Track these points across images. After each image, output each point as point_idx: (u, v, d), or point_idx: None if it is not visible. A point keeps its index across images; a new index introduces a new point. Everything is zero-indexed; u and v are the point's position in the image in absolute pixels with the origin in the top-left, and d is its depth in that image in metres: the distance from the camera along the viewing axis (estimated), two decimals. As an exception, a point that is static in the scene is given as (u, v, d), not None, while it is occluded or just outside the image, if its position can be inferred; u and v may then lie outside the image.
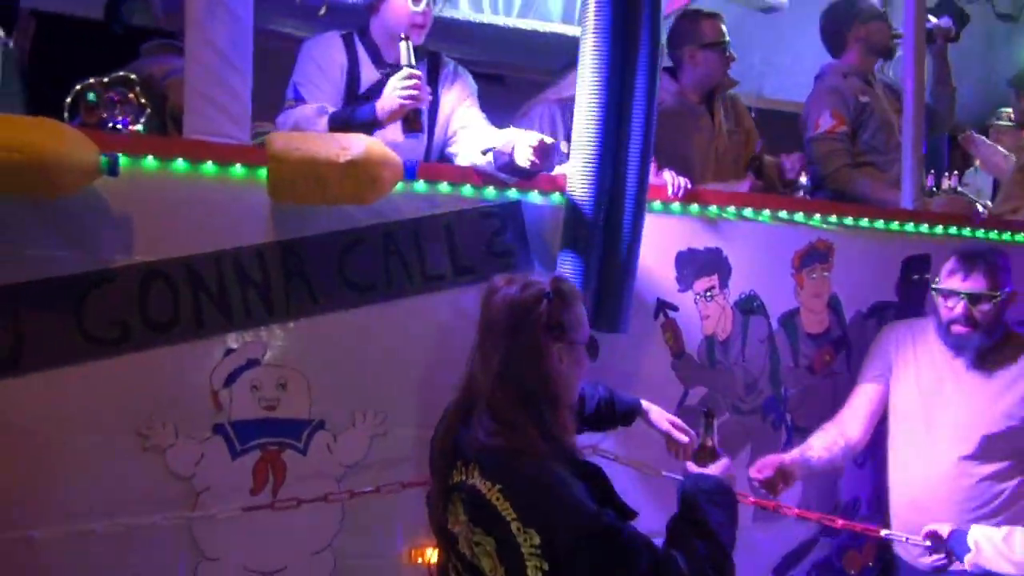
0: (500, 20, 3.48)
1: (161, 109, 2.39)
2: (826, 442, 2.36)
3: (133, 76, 2.12)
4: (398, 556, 2.07)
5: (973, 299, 2.24)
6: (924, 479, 2.32)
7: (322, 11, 3.07)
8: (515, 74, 3.63)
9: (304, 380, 2.02)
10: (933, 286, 2.35)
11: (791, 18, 4.28)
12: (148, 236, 1.91)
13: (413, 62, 2.19)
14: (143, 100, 2.08)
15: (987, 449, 2.25)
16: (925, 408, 2.36)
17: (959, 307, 2.25)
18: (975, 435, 2.26)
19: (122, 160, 1.86)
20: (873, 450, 2.56)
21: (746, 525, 2.24)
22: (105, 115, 2.04)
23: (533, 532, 1.41)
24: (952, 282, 2.28)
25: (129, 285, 1.89)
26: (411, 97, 2.16)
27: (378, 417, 2.08)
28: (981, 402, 2.28)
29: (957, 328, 2.27)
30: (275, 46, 2.21)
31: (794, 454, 2.31)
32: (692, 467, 1.73)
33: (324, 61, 2.29)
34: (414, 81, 2.16)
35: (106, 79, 2.09)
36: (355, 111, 2.18)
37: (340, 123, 2.17)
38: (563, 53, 3.59)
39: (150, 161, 1.93)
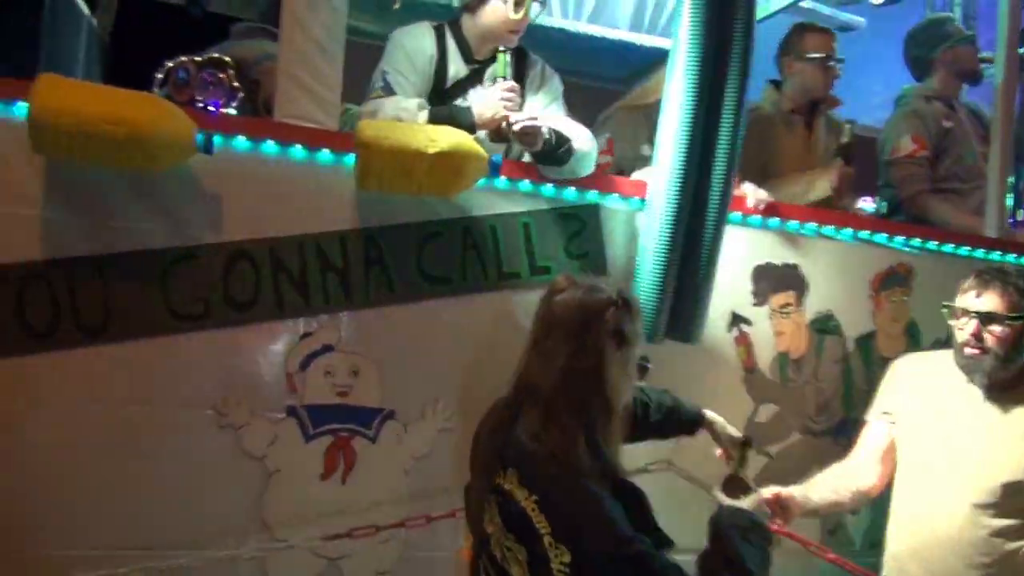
0: (569, 24, 3.48)
1: (254, 95, 2.40)
2: (833, 483, 2.15)
3: (228, 58, 2.13)
4: (461, 551, 2.05)
5: (985, 319, 2.04)
6: (930, 526, 2.08)
7: (396, 4, 3.10)
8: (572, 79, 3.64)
9: (377, 369, 2.02)
10: (945, 303, 2.15)
11: (865, 39, 4.22)
12: (235, 216, 1.93)
13: (510, 74, 2.20)
14: (236, 83, 2.09)
15: (1004, 499, 2.02)
16: (938, 446, 2.12)
17: (970, 326, 2.05)
18: (994, 481, 2.02)
19: (215, 139, 1.89)
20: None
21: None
22: (198, 95, 2.06)
23: (564, 549, 1.38)
24: (964, 300, 2.09)
25: (214, 263, 1.91)
26: (510, 111, 2.16)
27: (447, 411, 2.07)
28: (1002, 444, 2.05)
29: (969, 350, 2.07)
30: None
31: (794, 489, 2.08)
32: (723, 498, 1.67)
33: (414, 51, 2.30)
34: (513, 95, 2.16)
35: (200, 58, 2.10)
36: (454, 113, 2.19)
37: (438, 122, 2.17)
38: (627, 61, 3.60)
39: (242, 141, 1.95)
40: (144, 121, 1.70)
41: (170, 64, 2.07)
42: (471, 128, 2.17)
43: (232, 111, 2.08)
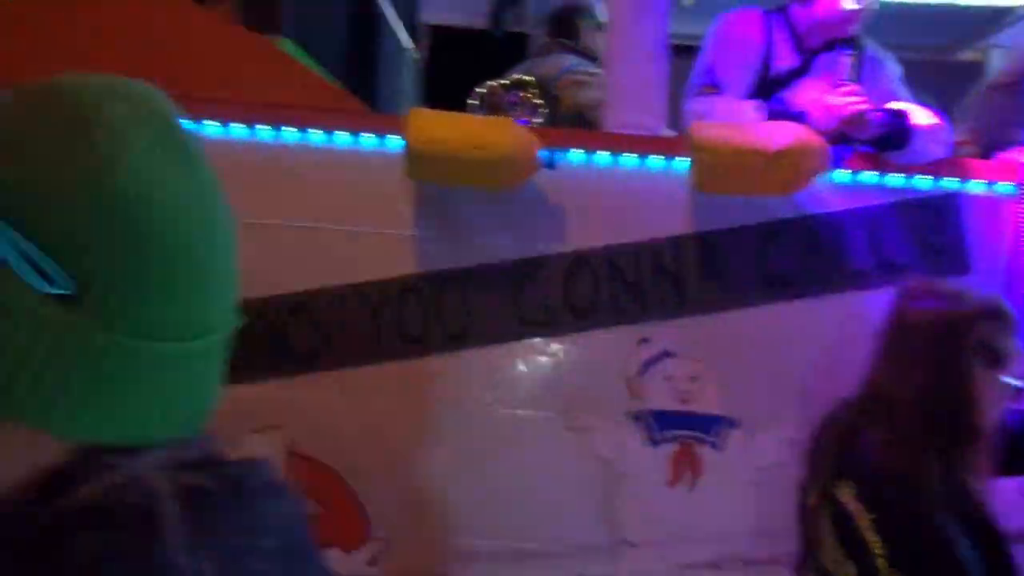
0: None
1: (555, 109, 2.52)
2: None
3: (529, 78, 2.25)
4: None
5: None
6: None
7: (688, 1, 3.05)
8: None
9: (718, 375, 1.98)
10: None
11: None
12: (575, 226, 2.01)
13: (853, 77, 2.05)
14: (538, 100, 2.21)
15: None
16: None
17: None
18: None
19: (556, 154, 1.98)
20: None
21: None
22: (509, 116, 2.20)
23: None
24: None
25: (557, 272, 2.00)
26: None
27: (794, 421, 1.96)
28: None
29: None
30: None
31: None
32: None
33: (742, 41, 2.22)
34: (855, 99, 1.99)
35: (506, 81, 2.25)
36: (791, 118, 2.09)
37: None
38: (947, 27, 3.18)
39: (577, 154, 2.03)
40: (502, 143, 1.83)
41: (481, 90, 2.26)
42: None
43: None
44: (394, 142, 1.97)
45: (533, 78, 2.45)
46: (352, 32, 3.39)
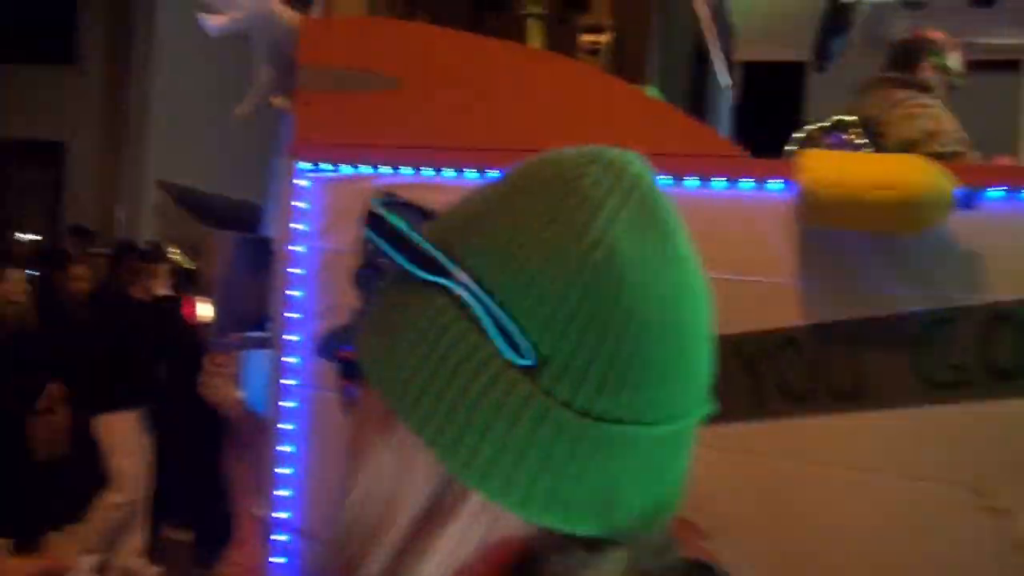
0: None
1: (879, 147, 2.37)
2: None
3: (851, 117, 2.14)
4: None
5: None
6: None
7: None
8: None
9: None
10: None
11: None
12: (993, 274, 1.75)
13: None
14: (861, 140, 2.09)
15: None
16: None
17: None
18: None
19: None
20: None
21: None
22: None
23: None
24: None
25: (971, 328, 1.75)
26: None
27: None
28: None
29: None
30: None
31: None
32: None
33: None
34: None
35: (826, 123, 2.14)
36: None
37: None
38: None
39: (996, 192, 1.77)
40: (915, 182, 1.64)
41: (799, 134, 2.14)
42: None
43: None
44: (774, 185, 1.87)
45: (855, 117, 2.32)
46: (688, 74, 3.40)
